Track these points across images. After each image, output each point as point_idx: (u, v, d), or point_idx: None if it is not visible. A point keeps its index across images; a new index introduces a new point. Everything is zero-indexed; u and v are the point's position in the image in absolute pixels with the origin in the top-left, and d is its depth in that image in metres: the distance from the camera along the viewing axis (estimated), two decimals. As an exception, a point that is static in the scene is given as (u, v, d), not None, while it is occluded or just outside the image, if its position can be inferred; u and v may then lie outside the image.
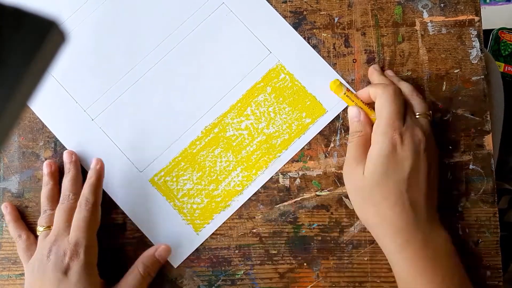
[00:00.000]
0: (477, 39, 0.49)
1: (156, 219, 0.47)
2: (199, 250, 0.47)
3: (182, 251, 0.47)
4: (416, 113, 0.44)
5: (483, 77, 0.49)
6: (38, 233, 0.45)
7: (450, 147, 0.49)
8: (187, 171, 0.48)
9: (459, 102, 0.49)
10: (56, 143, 0.49)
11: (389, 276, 0.46)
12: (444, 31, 0.50)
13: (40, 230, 0.44)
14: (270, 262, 0.47)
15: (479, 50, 0.49)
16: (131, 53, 0.49)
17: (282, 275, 0.46)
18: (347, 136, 0.48)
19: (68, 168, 0.46)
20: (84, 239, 0.41)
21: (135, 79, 0.49)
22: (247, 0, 0.50)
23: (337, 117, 0.49)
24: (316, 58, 0.49)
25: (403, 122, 0.42)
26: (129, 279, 0.44)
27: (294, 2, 0.50)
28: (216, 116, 0.48)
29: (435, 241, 0.41)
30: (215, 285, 0.46)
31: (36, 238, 0.45)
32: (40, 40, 0.17)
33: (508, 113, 0.53)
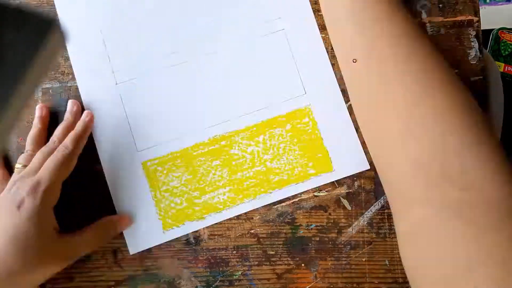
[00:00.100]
0: (476, 39, 0.49)
1: (132, 200, 0.47)
2: (197, 251, 0.47)
3: (143, 242, 0.47)
4: None
5: (482, 77, 0.49)
6: (15, 170, 0.44)
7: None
8: (179, 169, 0.48)
9: (457, 103, 0.49)
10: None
11: (387, 277, 0.46)
12: (442, 31, 0.50)
13: (18, 167, 0.44)
14: (268, 263, 0.47)
15: (478, 50, 0.49)
16: (179, 37, 0.49)
17: (280, 276, 0.46)
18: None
19: (67, 117, 0.47)
20: (47, 180, 0.41)
21: (171, 62, 0.49)
22: (305, 36, 0.49)
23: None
24: (347, 120, 0.48)
25: None
26: (84, 235, 0.44)
27: (293, 2, 0.50)
28: (229, 130, 0.48)
29: None
30: (213, 285, 0.46)
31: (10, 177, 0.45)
32: (40, 40, 0.17)
33: (508, 113, 0.53)
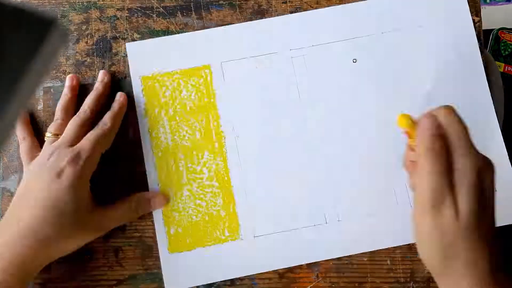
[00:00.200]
0: (477, 39, 0.49)
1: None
2: (198, 250, 0.47)
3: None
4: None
5: (483, 77, 0.49)
6: (46, 138, 0.45)
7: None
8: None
9: (459, 102, 0.49)
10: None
11: (388, 276, 0.46)
12: (444, 31, 0.50)
13: (48, 135, 0.45)
14: (270, 262, 0.47)
15: (479, 50, 0.49)
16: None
17: (282, 275, 0.46)
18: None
19: (96, 87, 0.48)
20: (87, 151, 0.42)
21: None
22: None
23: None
24: None
25: None
26: (119, 209, 0.45)
27: (293, 2, 0.50)
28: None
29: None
30: (215, 285, 0.46)
31: (41, 145, 0.46)
32: (40, 40, 0.17)
33: (508, 113, 0.53)
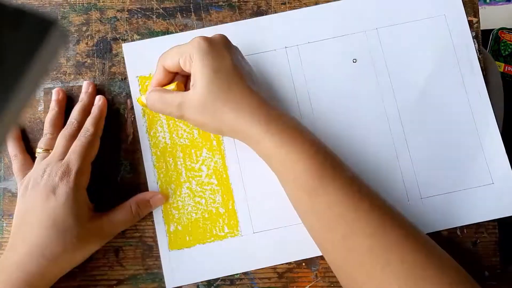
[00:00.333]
0: (475, 40, 0.50)
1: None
2: (198, 250, 0.47)
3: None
4: None
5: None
6: (37, 154, 0.46)
7: (449, 148, 0.49)
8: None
9: (457, 102, 0.49)
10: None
11: (387, 276, 0.46)
12: (443, 32, 0.50)
13: (39, 151, 0.46)
14: (269, 262, 0.47)
15: (478, 50, 0.49)
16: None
17: (281, 275, 0.47)
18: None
19: (82, 98, 0.48)
20: (76, 162, 0.43)
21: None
22: None
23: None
24: None
25: None
26: (119, 213, 0.45)
27: (293, 3, 0.50)
28: None
29: (286, 114, 0.42)
30: (214, 284, 0.46)
31: (33, 161, 0.47)
32: (40, 40, 0.17)
33: (508, 113, 0.53)
